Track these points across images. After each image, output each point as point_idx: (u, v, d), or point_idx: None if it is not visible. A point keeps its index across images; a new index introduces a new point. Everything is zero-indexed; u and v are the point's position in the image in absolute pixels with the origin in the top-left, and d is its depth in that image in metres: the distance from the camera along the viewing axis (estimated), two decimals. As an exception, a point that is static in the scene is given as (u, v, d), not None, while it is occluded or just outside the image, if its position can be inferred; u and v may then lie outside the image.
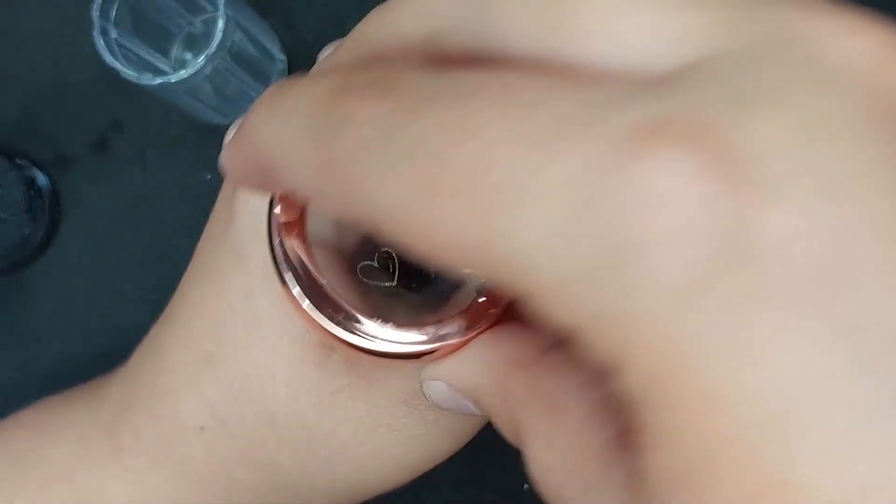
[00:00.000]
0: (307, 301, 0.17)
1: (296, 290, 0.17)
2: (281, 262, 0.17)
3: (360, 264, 0.20)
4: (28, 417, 0.26)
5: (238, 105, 0.40)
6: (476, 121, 0.10)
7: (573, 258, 0.09)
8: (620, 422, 0.12)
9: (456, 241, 0.10)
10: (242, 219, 0.21)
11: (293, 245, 0.17)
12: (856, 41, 0.10)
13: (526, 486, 0.38)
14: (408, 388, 0.21)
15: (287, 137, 0.12)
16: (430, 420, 0.21)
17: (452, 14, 0.12)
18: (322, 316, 0.17)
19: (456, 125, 0.10)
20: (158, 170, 0.42)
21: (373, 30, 0.14)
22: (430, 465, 0.22)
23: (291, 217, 0.17)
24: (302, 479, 0.22)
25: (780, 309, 0.09)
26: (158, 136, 0.42)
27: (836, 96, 0.10)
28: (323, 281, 0.17)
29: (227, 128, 0.42)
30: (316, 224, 0.18)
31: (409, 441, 0.21)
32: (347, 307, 0.17)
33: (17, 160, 0.42)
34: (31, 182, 0.41)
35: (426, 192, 0.10)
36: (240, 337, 0.21)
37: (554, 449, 0.14)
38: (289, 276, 0.17)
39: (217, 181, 0.42)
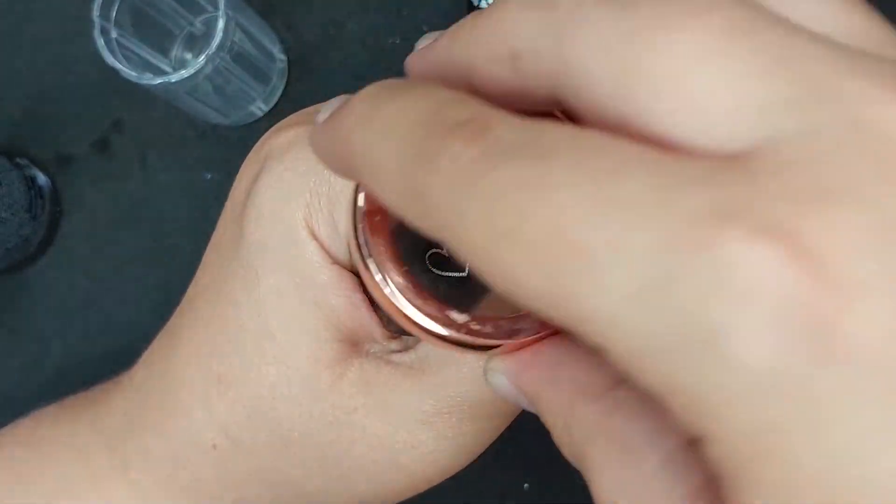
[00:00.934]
0: (388, 288, 0.17)
1: (378, 277, 0.17)
2: (364, 249, 0.17)
3: (430, 252, 0.20)
4: (26, 430, 0.26)
5: (238, 105, 0.40)
6: (557, 180, 0.10)
7: (651, 330, 0.10)
8: (701, 474, 0.12)
9: (532, 289, 0.10)
10: (252, 238, 0.21)
11: (375, 234, 0.17)
12: None
13: (526, 485, 0.39)
14: (425, 407, 0.21)
15: (378, 153, 0.12)
16: (447, 437, 0.21)
17: (532, 41, 0.12)
18: (404, 302, 0.17)
19: (538, 182, 0.10)
20: (159, 169, 0.42)
21: (464, 37, 0.14)
22: (445, 478, 0.22)
23: (374, 206, 0.17)
24: (315, 496, 0.22)
25: (869, 412, 0.09)
26: (159, 136, 0.43)
27: None
28: (404, 269, 0.17)
29: (227, 127, 0.42)
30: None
31: (424, 457, 0.21)
32: (427, 296, 0.17)
33: (18, 160, 0.42)
34: (32, 181, 0.41)
35: (505, 239, 0.10)
36: (252, 356, 0.21)
37: (624, 494, 0.13)
38: (371, 263, 0.17)
39: (217, 180, 0.42)
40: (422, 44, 0.15)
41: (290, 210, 0.21)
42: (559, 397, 0.15)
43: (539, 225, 0.10)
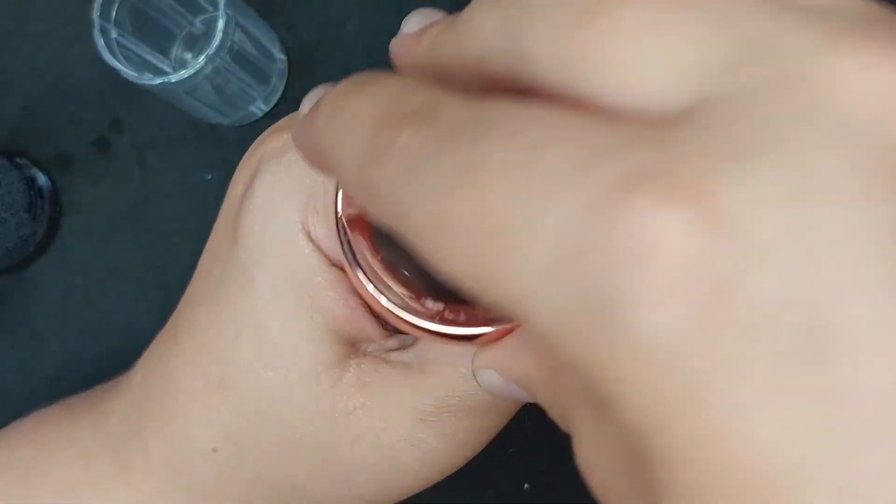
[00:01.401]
0: (371, 286, 0.18)
1: (360, 275, 0.18)
2: (346, 248, 0.18)
3: None
4: (28, 431, 0.26)
5: (238, 105, 0.40)
6: (484, 162, 0.10)
7: (563, 306, 0.10)
8: None
9: (465, 273, 0.11)
10: (249, 241, 0.21)
11: (355, 233, 0.18)
12: (868, 80, 0.09)
13: (526, 485, 0.38)
14: (424, 406, 0.21)
15: (340, 150, 0.13)
16: (447, 435, 0.21)
17: (494, 38, 0.12)
18: (385, 299, 0.18)
19: (468, 165, 0.10)
20: (158, 170, 0.42)
21: (439, 42, 0.14)
22: (446, 475, 0.23)
23: (353, 206, 0.18)
24: (317, 497, 0.22)
25: (762, 377, 0.09)
26: (158, 136, 0.43)
27: (835, 149, 0.09)
28: (380, 261, 0.18)
29: (226, 128, 0.42)
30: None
31: (424, 455, 0.21)
32: (404, 291, 0.18)
33: (18, 160, 0.42)
34: (32, 182, 0.41)
35: (441, 226, 0.11)
36: (250, 362, 0.21)
37: (598, 450, 0.13)
38: (352, 262, 0.18)
39: (217, 181, 0.42)
40: (407, 26, 0.15)
41: (286, 213, 0.21)
42: (545, 374, 0.16)
43: (466, 209, 0.10)
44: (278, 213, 0.21)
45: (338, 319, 0.21)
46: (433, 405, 0.21)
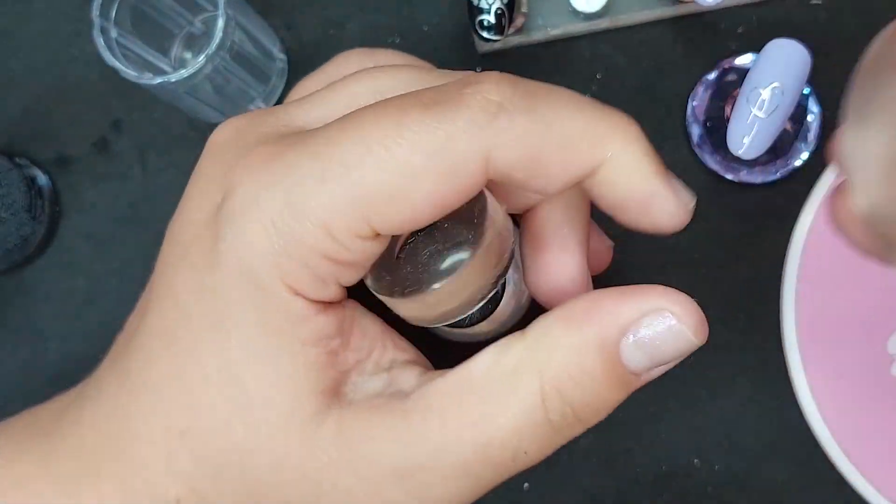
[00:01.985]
0: None
1: None
2: None
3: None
4: None
5: (238, 104, 0.40)
6: None
7: None
8: None
9: None
10: (220, 294, 0.20)
11: None
12: None
13: (526, 485, 0.38)
14: (400, 461, 0.20)
15: None
16: (420, 497, 0.20)
17: None
18: None
19: None
20: (158, 169, 0.42)
21: None
22: None
23: None
24: None
25: None
26: (158, 136, 0.43)
27: None
28: None
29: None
30: None
31: None
32: None
33: (18, 160, 0.42)
34: (32, 181, 0.41)
35: None
36: (218, 411, 0.20)
37: None
38: None
39: (217, 181, 0.42)
40: None
41: (262, 263, 0.19)
42: None
43: None
44: (253, 265, 0.19)
45: (320, 371, 0.20)
46: (410, 460, 0.19)
